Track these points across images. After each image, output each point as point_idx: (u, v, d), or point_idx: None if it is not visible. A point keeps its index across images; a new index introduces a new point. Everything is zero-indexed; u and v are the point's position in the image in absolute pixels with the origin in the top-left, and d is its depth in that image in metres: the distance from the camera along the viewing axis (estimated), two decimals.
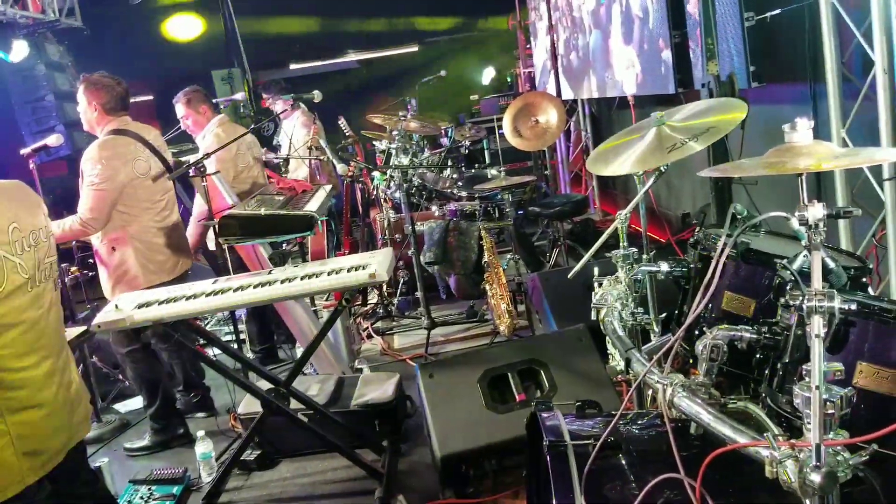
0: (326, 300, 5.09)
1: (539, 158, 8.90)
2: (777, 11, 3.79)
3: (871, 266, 2.23)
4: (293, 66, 11.23)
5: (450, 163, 5.98)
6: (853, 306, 1.39)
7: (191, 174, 3.64)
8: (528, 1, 9.13)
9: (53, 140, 4.17)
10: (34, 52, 6.59)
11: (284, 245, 4.21)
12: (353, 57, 11.69)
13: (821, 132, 3.64)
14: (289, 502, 3.34)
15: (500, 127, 8.01)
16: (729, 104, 2.52)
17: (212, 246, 4.69)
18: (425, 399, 3.12)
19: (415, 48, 11.59)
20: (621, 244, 2.49)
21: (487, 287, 4.54)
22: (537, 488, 2.21)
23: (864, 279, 2.09)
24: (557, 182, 9.40)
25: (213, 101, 5.06)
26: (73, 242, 3.82)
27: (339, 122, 6.03)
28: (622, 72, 6.00)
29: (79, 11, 7.19)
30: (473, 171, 6.15)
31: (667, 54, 4.81)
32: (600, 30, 6.36)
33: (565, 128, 8.04)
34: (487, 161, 8.41)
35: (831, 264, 1.84)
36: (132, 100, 3.99)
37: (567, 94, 7.96)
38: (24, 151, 4.10)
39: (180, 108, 4.80)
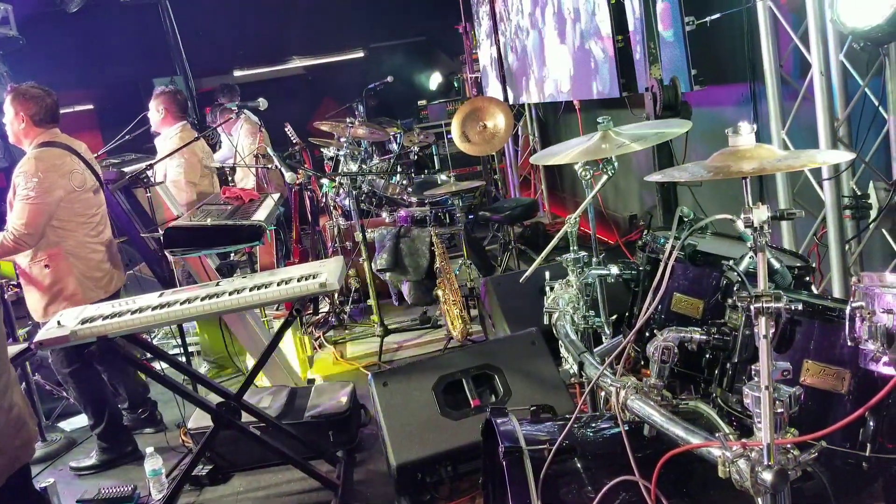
0: (277, 310, 5.02)
1: (488, 163, 8.95)
2: (717, 16, 3.89)
3: (813, 265, 2.30)
4: (237, 73, 11.08)
5: (399, 169, 5.96)
6: (799, 306, 1.43)
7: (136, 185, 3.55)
8: (473, 5, 9.18)
9: None
10: None
11: (232, 255, 4.14)
12: (298, 63, 11.58)
13: (761, 133, 3.75)
14: None
15: (448, 132, 8.02)
16: (675, 124, 2.57)
17: None
18: (379, 408, 3.10)
19: (361, 54, 11.55)
20: (571, 248, 2.51)
21: (440, 293, 4.53)
22: (494, 494, 2.21)
23: (807, 278, 2.15)
24: (507, 186, 9.46)
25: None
26: (13, 258, 3.68)
27: (286, 129, 5.96)
28: (558, 69, 6.08)
29: (13, 20, 6.94)
30: (423, 176, 6.15)
31: (602, 49, 4.89)
32: (537, 29, 6.45)
33: (513, 132, 8.11)
34: (437, 166, 8.43)
35: (776, 265, 1.89)
36: (72, 109, 3.89)
37: (512, 97, 8.03)
38: None
39: (152, 101, 4.71)
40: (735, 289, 1.87)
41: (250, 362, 4.53)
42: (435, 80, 10.95)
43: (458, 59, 10.56)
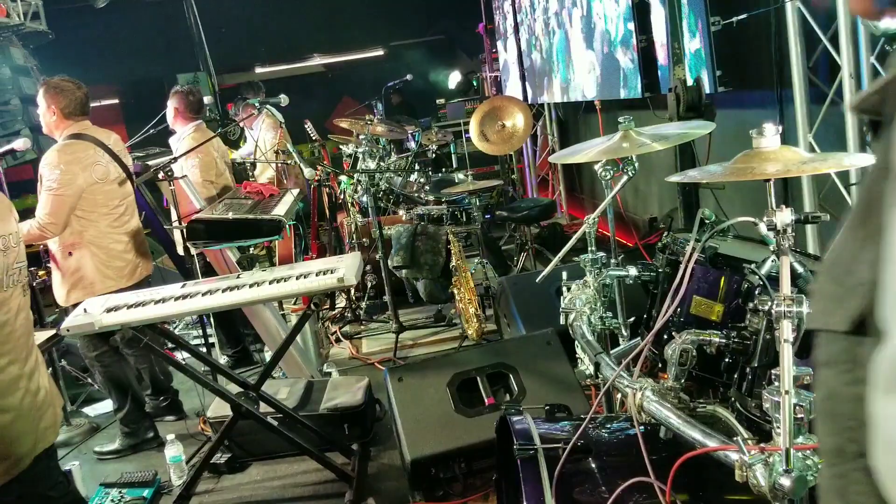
0: (294, 304, 5.05)
1: (506, 163, 8.95)
2: (744, 16, 3.86)
3: None
4: (259, 70, 11.15)
5: (416, 167, 5.98)
6: None
7: (160, 178, 3.60)
8: (494, 3, 9.18)
9: (21, 144, 4.09)
10: None
11: (252, 249, 4.17)
12: (318, 60, 11.64)
13: (788, 137, 3.71)
14: None
15: (466, 131, 8.03)
16: (698, 125, 2.57)
17: (180, 250, 4.63)
18: (395, 402, 3.11)
19: (380, 52, 11.58)
20: (590, 248, 2.51)
21: (455, 291, 4.54)
22: (507, 492, 2.22)
23: None
24: (524, 186, 9.45)
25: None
26: (41, 246, 3.76)
27: (306, 126, 6.00)
28: (584, 75, 6.06)
29: (43, 15, 7.07)
30: (440, 175, 6.17)
31: (631, 59, 4.88)
32: (563, 30, 6.43)
33: (532, 132, 8.10)
34: (454, 165, 8.44)
35: (800, 269, 1.88)
36: (98, 103, 3.94)
37: (532, 96, 8.02)
38: None
39: (168, 100, 4.77)
40: (757, 292, 1.86)
41: (268, 354, 4.57)
42: (454, 79, 10.95)
43: (477, 58, 10.56)
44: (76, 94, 3.74)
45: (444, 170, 7.14)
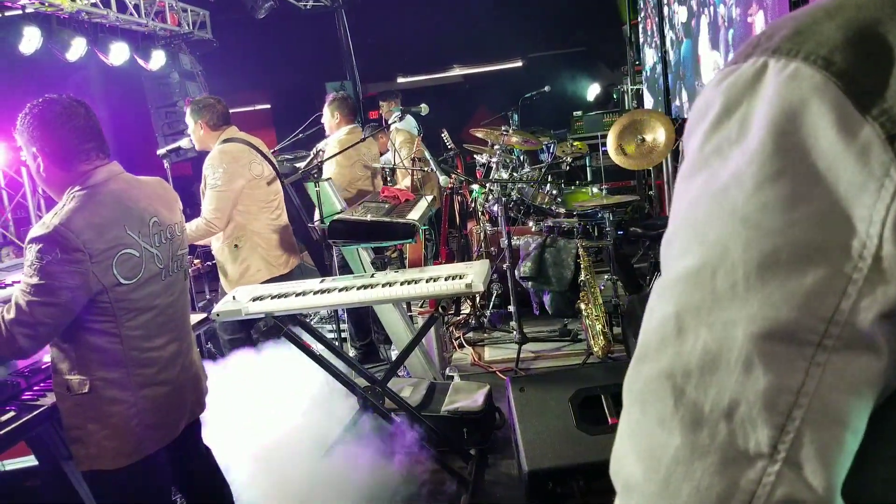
0: (421, 307, 5.18)
1: (643, 178, 8.75)
2: None
3: None
4: (400, 80, 11.50)
5: (549, 178, 5.97)
6: None
7: (309, 178, 3.85)
8: (640, 15, 9.01)
9: (185, 143, 4.47)
10: (169, 62, 7.06)
11: (386, 251, 4.33)
12: (458, 71, 11.86)
13: None
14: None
15: (603, 144, 7.93)
16: None
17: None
18: (515, 412, 3.12)
19: (519, 63, 11.65)
20: None
21: (582, 306, 4.50)
22: None
23: None
24: (662, 203, 9.20)
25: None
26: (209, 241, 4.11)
27: (442, 135, 6.14)
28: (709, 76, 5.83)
29: (209, 25, 7.67)
30: (573, 188, 6.13)
31: None
32: (690, 38, 6.21)
33: (673, 147, 7.89)
34: (589, 178, 8.35)
35: None
36: (251, 108, 4.25)
37: (676, 111, 7.79)
38: (160, 152, 4.43)
39: (326, 106, 5.11)
40: None
41: (394, 352, 4.72)
42: (593, 91, 10.83)
43: (619, 69, 10.40)
44: (217, 107, 4.12)
45: (577, 182, 7.08)
